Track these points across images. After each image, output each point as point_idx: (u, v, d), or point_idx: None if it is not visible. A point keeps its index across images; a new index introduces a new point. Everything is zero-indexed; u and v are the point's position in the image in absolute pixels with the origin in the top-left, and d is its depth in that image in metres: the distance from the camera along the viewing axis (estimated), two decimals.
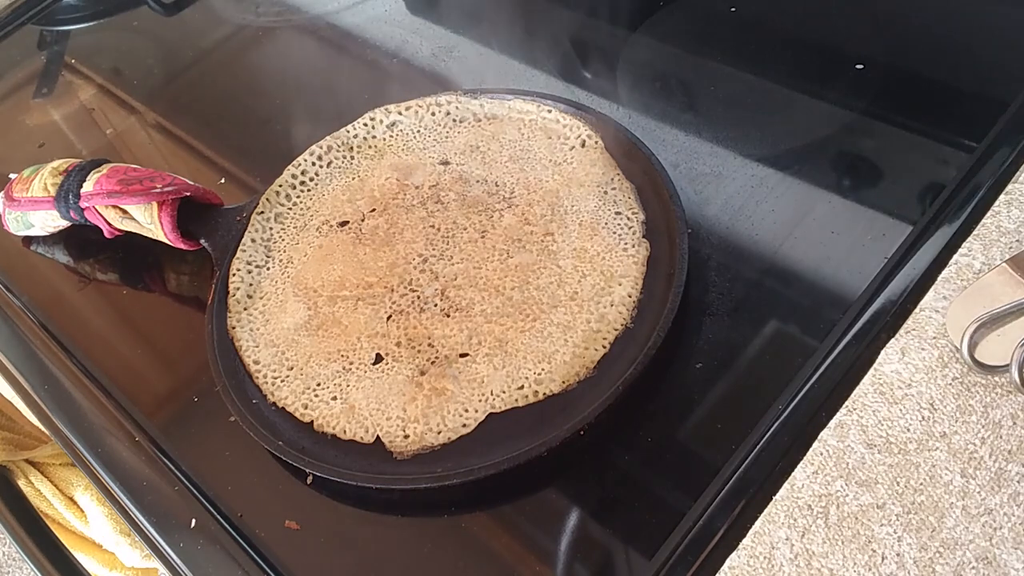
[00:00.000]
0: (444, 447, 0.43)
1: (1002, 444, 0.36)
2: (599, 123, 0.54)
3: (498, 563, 0.40)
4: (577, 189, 0.52)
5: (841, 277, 0.45)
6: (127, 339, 0.56)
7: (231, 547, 0.43)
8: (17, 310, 0.59)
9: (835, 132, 0.53)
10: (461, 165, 0.55)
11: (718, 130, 0.55)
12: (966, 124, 0.50)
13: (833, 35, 0.59)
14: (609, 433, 0.42)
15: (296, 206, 0.56)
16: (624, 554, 0.39)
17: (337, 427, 0.45)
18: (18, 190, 0.58)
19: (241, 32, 0.79)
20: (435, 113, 0.58)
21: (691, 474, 0.40)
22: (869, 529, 0.35)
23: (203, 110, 0.72)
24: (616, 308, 0.46)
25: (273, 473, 0.45)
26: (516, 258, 0.49)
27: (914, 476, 0.36)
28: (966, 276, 0.41)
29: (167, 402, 0.52)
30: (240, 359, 0.49)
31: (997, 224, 0.42)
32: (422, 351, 0.47)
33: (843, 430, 0.38)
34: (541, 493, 0.42)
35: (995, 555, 0.33)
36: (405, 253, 0.51)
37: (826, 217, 0.48)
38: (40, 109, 0.78)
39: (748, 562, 0.35)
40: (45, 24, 0.88)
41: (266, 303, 0.52)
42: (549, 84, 0.62)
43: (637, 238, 0.49)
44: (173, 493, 0.46)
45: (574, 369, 0.44)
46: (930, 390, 0.38)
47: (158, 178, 0.55)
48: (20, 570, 1.32)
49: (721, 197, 0.51)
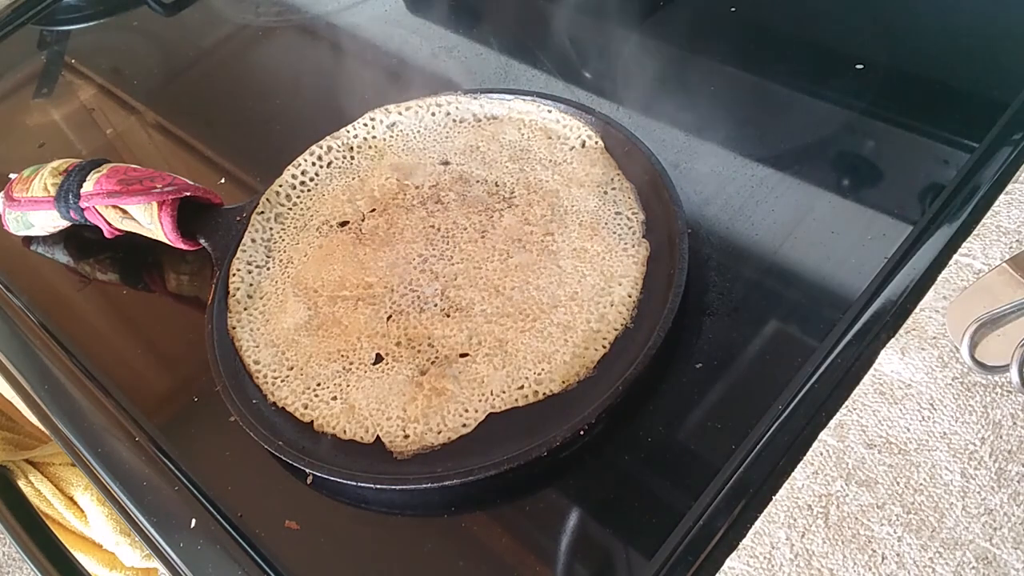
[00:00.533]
0: (444, 447, 0.43)
1: (1002, 444, 0.36)
2: (599, 123, 0.54)
3: (498, 563, 0.40)
4: (577, 189, 0.52)
5: (841, 277, 0.45)
6: (127, 339, 0.56)
7: (231, 547, 0.43)
8: (17, 310, 0.59)
9: (835, 132, 0.53)
10: (461, 165, 0.55)
11: (718, 130, 0.55)
12: (966, 124, 0.50)
13: (833, 35, 0.59)
14: (609, 433, 0.42)
15: (296, 206, 0.56)
16: (624, 554, 0.39)
17: (337, 427, 0.45)
18: (18, 190, 0.58)
19: (241, 32, 0.79)
20: (435, 114, 0.58)
21: (691, 474, 0.40)
22: (869, 529, 0.35)
23: (203, 110, 0.72)
24: (616, 308, 0.46)
25: (273, 473, 0.45)
26: (516, 258, 0.49)
27: (914, 476, 0.36)
28: (966, 276, 0.41)
29: (167, 402, 0.52)
30: (240, 359, 0.49)
31: (997, 224, 0.42)
32: (422, 351, 0.47)
33: (843, 430, 0.38)
34: (541, 493, 0.42)
35: (995, 555, 0.33)
36: (405, 253, 0.51)
37: (826, 217, 0.48)
38: (40, 109, 0.78)
39: (748, 562, 0.35)
40: (45, 24, 0.88)
41: (266, 303, 0.52)
42: (549, 84, 0.62)
43: (637, 238, 0.49)
44: (173, 493, 0.46)
45: (574, 369, 0.44)
46: (930, 390, 0.38)
47: (158, 178, 0.55)
48: (20, 570, 1.32)
49: (721, 197, 0.51)
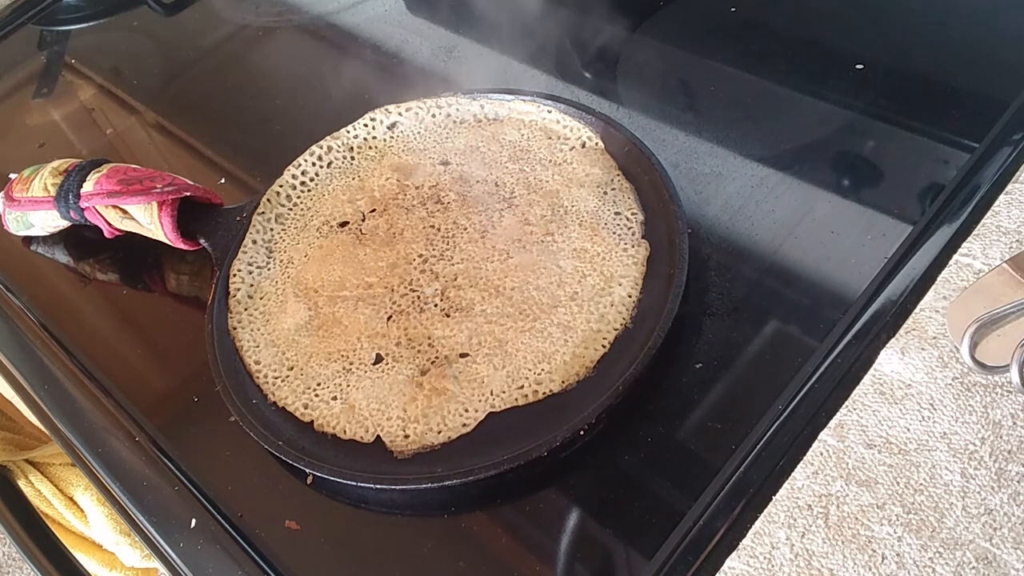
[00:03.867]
0: (444, 446, 0.43)
1: (1002, 444, 0.36)
2: (599, 123, 0.54)
3: (498, 563, 0.40)
4: (577, 189, 0.52)
5: (841, 277, 0.45)
6: (127, 339, 0.56)
7: (231, 547, 0.43)
8: (17, 310, 0.59)
9: (835, 132, 0.53)
10: (461, 165, 0.55)
11: (718, 130, 0.55)
12: (966, 124, 0.50)
13: (833, 35, 0.59)
14: (609, 433, 0.42)
15: (297, 207, 0.56)
16: (624, 554, 0.39)
17: (337, 427, 0.45)
18: (18, 190, 0.58)
19: (241, 32, 0.79)
20: (435, 115, 0.58)
21: (691, 474, 0.40)
22: (869, 529, 0.35)
23: (203, 110, 0.72)
24: (616, 308, 0.46)
25: (273, 473, 0.45)
26: (516, 258, 0.49)
27: (914, 476, 0.36)
28: (966, 276, 0.41)
29: (167, 402, 0.52)
30: (241, 359, 0.49)
31: (997, 224, 0.42)
32: (422, 351, 0.47)
33: (843, 430, 0.38)
34: (541, 493, 0.42)
35: (995, 555, 0.33)
36: (405, 253, 0.51)
37: (826, 217, 0.48)
38: (40, 109, 0.78)
39: (748, 562, 0.35)
40: (45, 24, 0.88)
41: (266, 303, 0.52)
42: (549, 84, 0.62)
43: (637, 238, 0.49)
44: (173, 493, 0.46)
45: (574, 369, 0.44)
46: (930, 390, 0.38)
47: (158, 178, 0.55)
48: (20, 570, 1.32)
49: (721, 197, 0.51)
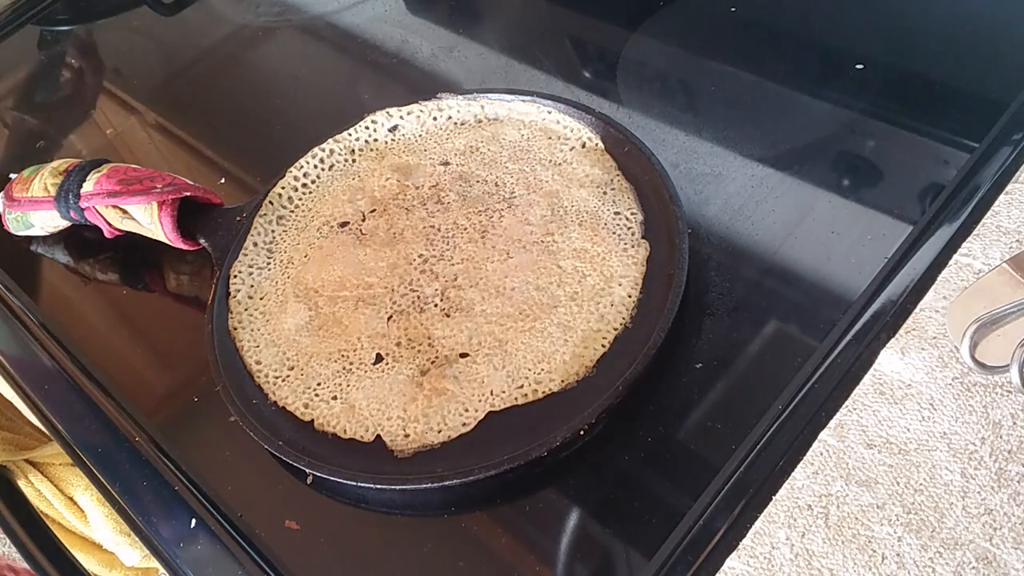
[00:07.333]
0: (444, 446, 0.43)
1: (1002, 444, 0.36)
2: (599, 123, 0.54)
3: (498, 563, 0.40)
4: (577, 189, 0.52)
5: (841, 277, 0.45)
6: (127, 339, 0.56)
7: (231, 547, 0.43)
8: (17, 310, 0.59)
9: (835, 132, 0.53)
10: (461, 166, 0.55)
11: (718, 130, 0.55)
12: (966, 124, 0.50)
13: (833, 35, 0.59)
14: (609, 433, 0.42)
15: (298, 208, 0.56)
16: (624, 554, 0.39)
17: (337, 427, 0.45)
18: (18, 190, 0.58)
19: (241, 32, 0.79)
20: (436, 118, 0.58)
21: (691, 474, 0.40)
22: (869, 529, 0.35)
23: (203, 110, 0.72)
24: (616, 308, 0.46)
25: (273, 473, 0.45)
26: (516, 258, 0.49)
27: (914, 476, 0.36)
28: (966, 276, 0.41)
29: (167, 402, 0.52)
30: (241, 359, 0.49)
31: (997, 224, 0.42)
32: (422, 351, 0.47)
33: (843, 430, 0.38)
34: (541, 493, 0.42)
35: (995, 555, 0.33)
36: (405, 253, 0.51)
37: (826, 217, 0.48)
38: (40, 109, 0.78)
39: (748, 562, 0.35)
40: (45, 24, 0.88)
41: (267, 303, 0.52)
42: (549, 84, 0.62)
43: (637, 238, 0.49)
44: (173, 493, 0.46)
45: (574, 369, 0.44)
46: (930, 390, 0.38)
47: (158, 178, 0.55)
48: None
49: (721, 197, 0.51)
